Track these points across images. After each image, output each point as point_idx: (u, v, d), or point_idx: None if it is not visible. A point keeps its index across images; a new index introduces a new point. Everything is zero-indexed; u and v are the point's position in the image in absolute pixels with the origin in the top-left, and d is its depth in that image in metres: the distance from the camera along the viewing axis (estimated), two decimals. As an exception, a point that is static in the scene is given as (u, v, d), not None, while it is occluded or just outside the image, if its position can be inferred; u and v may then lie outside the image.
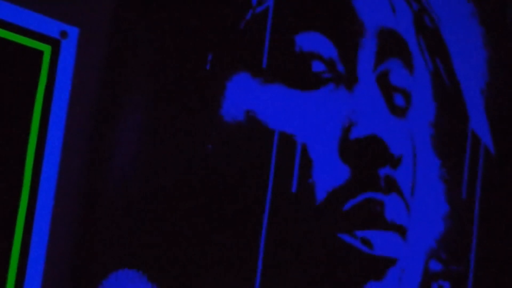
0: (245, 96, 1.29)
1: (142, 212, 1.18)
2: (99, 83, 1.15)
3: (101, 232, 1.14)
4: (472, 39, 1.68)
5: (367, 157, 1.42)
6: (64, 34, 1.11)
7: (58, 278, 1.10)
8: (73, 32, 1.12)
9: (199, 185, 1.23)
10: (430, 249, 1.57)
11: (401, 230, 1.48)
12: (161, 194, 1.20)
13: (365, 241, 1.42)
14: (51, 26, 1.10)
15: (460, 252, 1.62)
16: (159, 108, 1.20)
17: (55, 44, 1.10)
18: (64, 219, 1.11)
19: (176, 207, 1.21)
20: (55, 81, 1.10)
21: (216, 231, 1.25)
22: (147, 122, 1.19)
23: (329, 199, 1.38)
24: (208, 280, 1.24)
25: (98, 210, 1.14)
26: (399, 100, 1.50)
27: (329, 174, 1.38)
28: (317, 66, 1.38)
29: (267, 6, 1.32)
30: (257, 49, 1.31)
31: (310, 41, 1.37)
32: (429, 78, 1.59)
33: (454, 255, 1.60)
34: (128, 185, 1.17)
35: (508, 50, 1.75)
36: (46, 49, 1.09)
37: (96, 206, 1.14)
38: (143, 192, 1.18)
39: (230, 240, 1.26)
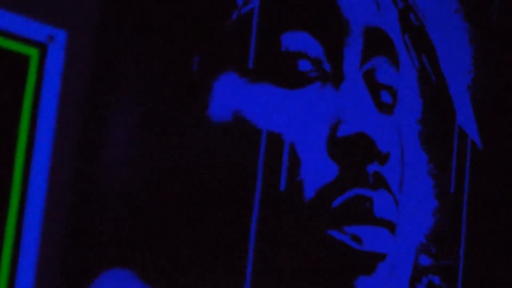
0: (232, 96, 1.30)
1: (133, 211, 1.18)
2: (87, 86, 1.16)
3: (92, 231, 1.15)
4: (458, 36, 1.69)
5: (355, 154, 1.42)
6: (51, 38, 1.10)
7: (50, 277, 1.11)
8: (60, 35, 1.12)
9: (188, 186, 1.24)
10: (420, 244, 1.58)
11: (390, 226, 1.49)
12: (151, 194, 1.20)
13: (355, 237, 1.42)
14: (38, 30, 1.09)
15: (450, 246, 1.63)
16: (147, 110, 1.21)
17: (42, 48, 1.09)
18: (55, 218, 1.11)
19: (166, 207, 1.22)
20: (42, 85, 1.09)
21: (206, 231, 1.26)
22: (135, 124, 1.20)
23: (318, 197, 1.38)
24: (198, 279, 1.25)
25: (89, 209, 1.15)
26: (386, 97, 1.51)
27: (318, 172, 1.39)
28: (304, 65, 1.38)
29: (253, 6, 1.33)
30: (244, 49, 1.32)
31: (296, 41, 1.38)
32: (415, 75, 1.60)
33: (443, 249, 1.61)
34: (118, 185, 1.17)
35: (494, 45, 1.76)
36: (33, 53, 1.09)
37: (87, 205, 1.15)
38: (134, 192, 1.19)
39: (220, 239, 1.27)
